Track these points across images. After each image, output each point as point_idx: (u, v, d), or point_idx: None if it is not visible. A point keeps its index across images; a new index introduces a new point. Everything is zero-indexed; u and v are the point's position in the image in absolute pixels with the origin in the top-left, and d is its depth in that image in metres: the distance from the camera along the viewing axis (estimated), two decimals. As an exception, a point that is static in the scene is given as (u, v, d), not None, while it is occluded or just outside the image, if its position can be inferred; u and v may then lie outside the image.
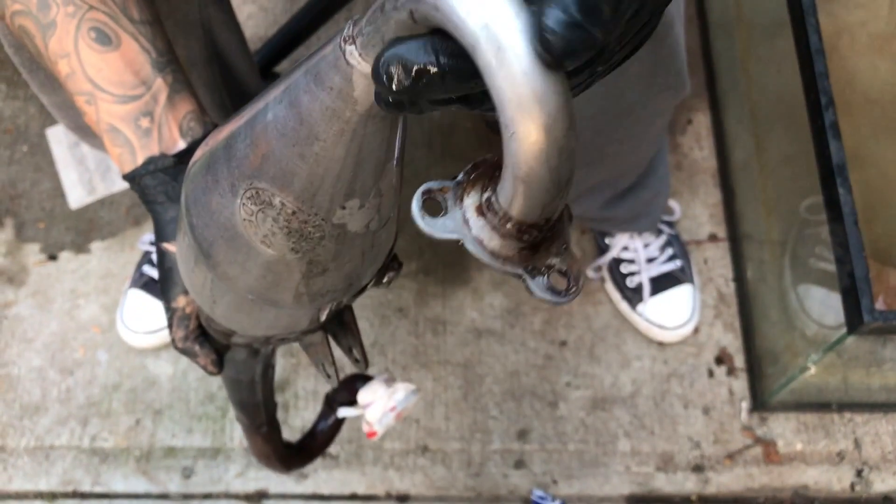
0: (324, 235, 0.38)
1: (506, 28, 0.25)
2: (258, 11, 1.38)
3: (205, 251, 0.43)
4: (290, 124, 0.35)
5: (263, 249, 0.39)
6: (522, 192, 0.28)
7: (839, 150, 0.85)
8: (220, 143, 0.39)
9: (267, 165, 0.36)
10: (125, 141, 0.51)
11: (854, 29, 1.27)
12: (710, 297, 1.17)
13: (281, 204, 0.37)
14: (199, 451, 1.10)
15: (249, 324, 0.49)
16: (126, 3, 0.52)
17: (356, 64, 0.32)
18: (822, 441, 1.10)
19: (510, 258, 0.31)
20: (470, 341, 1.15)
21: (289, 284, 0.42)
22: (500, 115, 0.27)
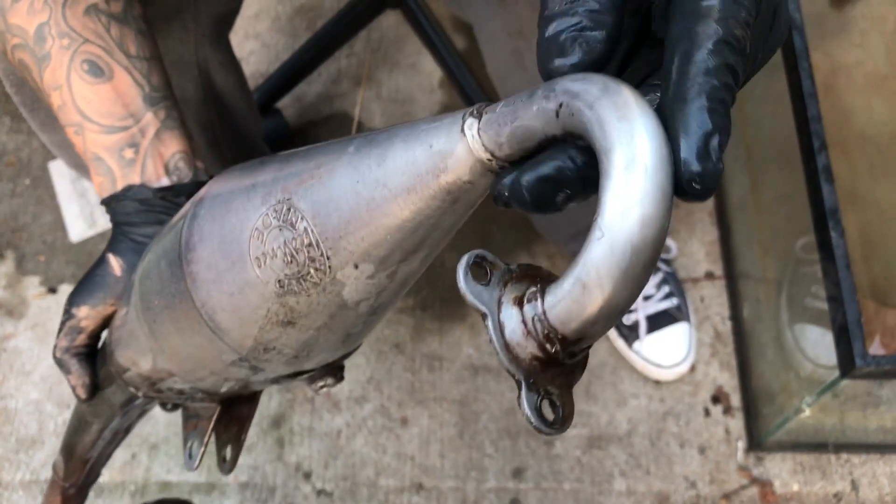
0: (318, 284, 0.36)
1: (650, 145, 0.26)
2: (260, 48, 1.39)
3: (191, 244, 0.40)
4: (367, 161, 0.33)
5: (250, 267, 0.37)
6: (576, 297, 0.27)
7: (832, 194, 0.86)
8: (284, 155, 0.38)
9: (317, 190, 0.35)
10: (107, 170, 0.51)
11: (850, 68, 1.28)
12: (706, 336, 1.17)
13: (304, 230, 0.35)
14: (194, 486, 1.10)
15: (166, 348, 0.45)
16: (123, 38, 0.52)
17: (470, 137, 0.30)
18: (818, 482, 1.09)
19: (520, 360, 0.30)
20: (466, 378, 1.15)
21: (248, 315, 0.39)
22: (597, 218, 0.26)
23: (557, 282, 0.28)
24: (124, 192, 0.51)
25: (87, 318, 0.52)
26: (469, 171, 0.31)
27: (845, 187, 0.98)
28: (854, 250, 0.97)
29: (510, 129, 0.29)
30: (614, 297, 0.27)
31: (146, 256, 0.46)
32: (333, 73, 1.37)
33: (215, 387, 0.46)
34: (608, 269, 0.26)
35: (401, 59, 1.38)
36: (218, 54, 0.87)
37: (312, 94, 1.35)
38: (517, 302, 0.30)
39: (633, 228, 0.26)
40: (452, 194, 0.32)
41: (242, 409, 0.52)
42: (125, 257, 0.51)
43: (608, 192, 0.26)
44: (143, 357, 0.48)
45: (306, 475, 1.10)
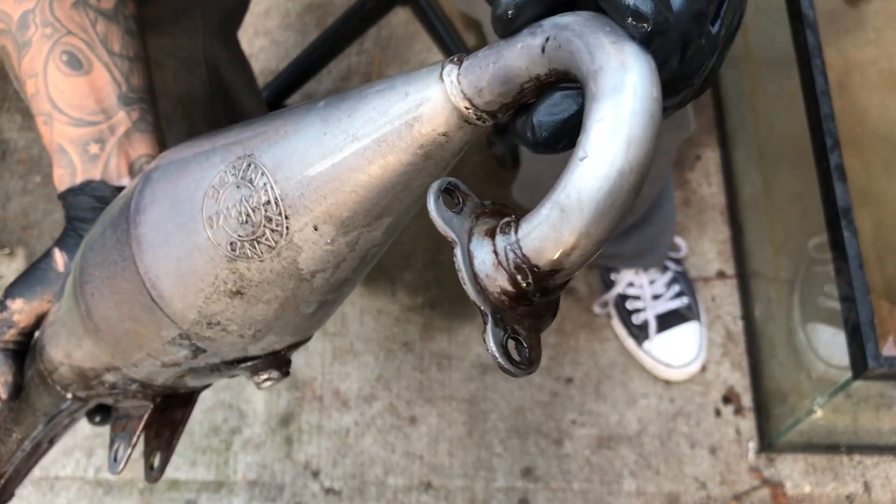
0: (272, 248, 0.33)
1: (640, 68, 0.25)
2: (270, 45, 1.39)
3: (141, 206, 0.38)
4: (337, 113, 0.31)
5: (201, 228, 0.34)
6: (553, 223, 0.26)
7: (844, 193, 0.85)
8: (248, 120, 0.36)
9: (282, 145, 0.32)
10: (69, 163, 0.50)
11: (864, 66, 1.27)
12: (717, 335, 1.16)
13: (263, 186, 0.32)
14: (202, 484, 1.10)
15: (103, 326, 0.42)
16: (108, 35, 0.51)
17: (449, 83, 0.29)
18: (830, 483, 1.08)
19: (489, 292, 0.28)
20: (475, 377, 1.15)
21: (194, 283, 0.36)
22: (581, 141, 0.25)
23: (532, 213, 0.27)
24: (82, 187, 0.49)
25: (21, 312, 0.50)
26: (445, 120, 0.29)
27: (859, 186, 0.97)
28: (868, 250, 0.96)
29: (492, 71, 0.28)
30: (595, 222, 0.25)
31: (92, 230, 0.44)
32: (343, 71, 1.36)
33: (151, 376, 0.43)
34: (590, 191, 0.25)
35: (410, 57, 1.37)
36: (227, 51, 0.87)
37: (322, 92, 1.35)
38: (489, 234, 0.29)
39: (620, 149, 0.25)
40: (425, 148, 0.30)
41: (176, 412, 0.49)
42: (70, 253, 0.49)
43: (595, 113, 0.25)
44: (76, 344, 0.45)
45: (315, 473, 1.10)
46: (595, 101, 0.25)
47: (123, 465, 0.47)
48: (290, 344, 0.41)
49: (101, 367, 0.45)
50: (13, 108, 1.36)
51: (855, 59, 1.24)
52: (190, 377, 0.43)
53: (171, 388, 0.46)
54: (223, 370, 0.42)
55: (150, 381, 0.44)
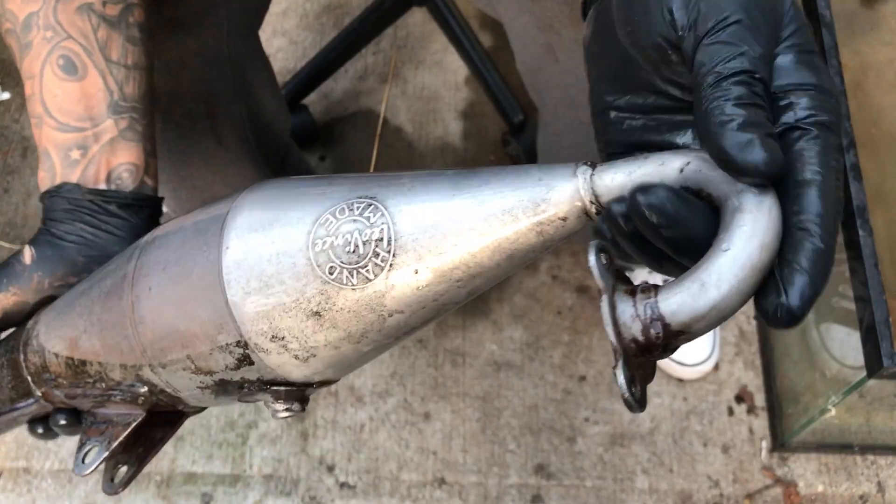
0: (367, 281, 0.36)
1: (774, 198, 0.32)
2: (288, 45, 1.41)
3: (235, 207, 0.39)
4: (469, 181, 0.35)
5: (303, 246, 0.37)
6: (693, 293, 0.31)
7: (860, 192, 0.85)
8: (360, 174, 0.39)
9: (406, 195, 0.36)
10: (50, 166, 0.50)
11: (881, 67, 1.27)
12: (730, 335, 1.17)
13: (381, 225, 0.36)
14: (218, 477, 1.11)
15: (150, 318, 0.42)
16: (109, 42, 0.52)
17: (581, 179, 0.34)
18: (843, 483, 1.09)
19: (622, 337, 0.33)
20: (489, 374, 1.15)
21: (277, 293, 0.37)
22: (724, 236, 0.31)
23: (674, 282, 0.32)
24: (57, 189, 0.50)
25: None
26: (568, 208, 0.34)
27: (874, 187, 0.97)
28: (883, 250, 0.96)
29: (624, 177, 0.33)
30: (725, 299, 0.31)
31: (164, 230, 0.44)
32: (360, 70, 1.38)
33: (170, 381, 0.43)
34: (728, 276, 0.31)
35: (427, 57, 1.38)
36: (249, 50, 0.88)
37: (339, 91, 1.36)
38: (630, 293, 0.33)
39: (755, 249, 0.31)
40: (542, 226, 0.34)
41: (157, 431, 0.48)
42: (40, 249, 0.50)
43: (738, 220, 0.31)
44: (94, 335, 0.45)
45: (329, 468, 1.11)
46: (739, 213, 0.31)
47: (93, 470, 0.45)
48: (324, 380, 0.42)
49: (115, 361, 0.44)
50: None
51: (871, 59, 1.24)
52: (209, 392, 0.43)
53: (175, 400, 0.45)
54: (251, 390, 0.42)
55: (164, 387, 0.44)
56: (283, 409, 0.42)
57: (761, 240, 0.31)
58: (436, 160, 1.30)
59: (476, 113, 1.33)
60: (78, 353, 0.46)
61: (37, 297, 0.50)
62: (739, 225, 0.31)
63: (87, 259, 0.49)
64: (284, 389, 0.41)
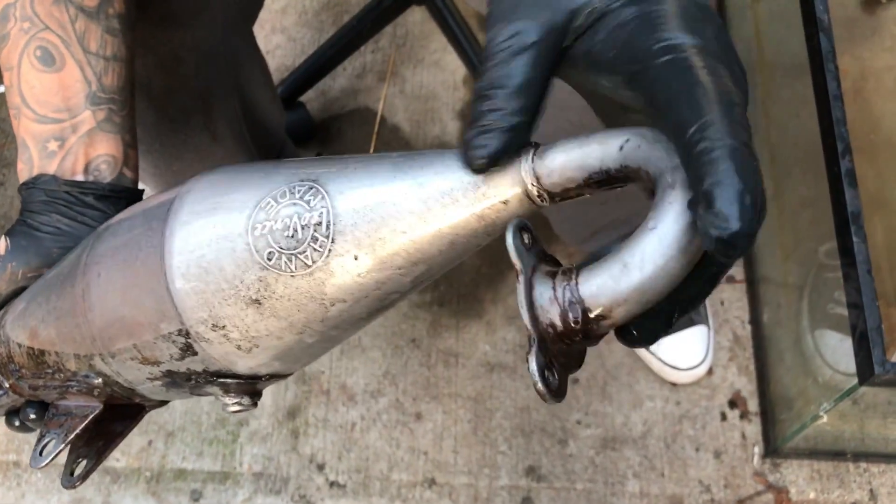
0: (307, 267, 0.35)
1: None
2: (286, 42, 1.40)
3: (179, 197, 0.38)
4: (411, 163, 0.34)
5: (242, 232, 0.36)
6: (614, 274, 0.29)
7: (854, 199, 0.85)
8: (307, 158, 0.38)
9: (349, 177, 0.35)
10: (28, 158, 0.51)
11: (880, 73, 1.26)
12: (725, 339, 1.16)
13: (320, 209, 0.34)
14: (208, 474, 1.11)
15: (97, 305, 0.41)
16: (87, 33, 0.52)
17: (523, 159, 0.32)
18: (836, 490, 1.08)
19: (540, 322, 0.31)
20: (481, 375, 1.15)
21: (216, 281, 0.37)
22: (652, 215, 0.29)
23: (597, 262, 0.30)
24: (34, 180, 0.50)
25: None
26: (509, 190, 0.32)
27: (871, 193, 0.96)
28: (879, 257, 0.95)
29: (566, 157, 0.32)
30: (649, 281, 0.29)
31: (119, 217, 0.44)
32: (358, 68, 1.37)
33: (121, 371, 0.43)
34: (652, 256, 0.29)
35: (425, 56, 1.38)
36: (243, 45, 0.88)
37: (337, 89, 1.36)
38: (550, 275, 0.31)
39: (684, 227, 0.29)
40: (483, 210, 0.33)
41: (117, 424, 0.48)
42: (15, 239, 0.50)
43: (668, 197, 0.29)
44: (51, 323, 0.44)
45: (320, 467, 1.11)
46: (670, 189, 0.29)
47: (48, 462, 0.45)
48: (272, 373, 0.41)
49: (69, 351, 0.44)
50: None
51: (870, 65, 1.24)
52: (159, 384, 0.43)
53: (130, 392, 0.45)
54: (199, 382, 0.41)
55: (116, 377, 0.43)
56: (232, 403, 0.41)
57: (690, 220, 0.29)
58: (432, 160, 1.30)
59: (474, 113, 1.33)
60: (37, 343, 0.45)
61: (10, 287, 0.50)
62: (669, 202, 0.29)
63: (61, 250, 0.49)
64: (233, 382, 0.41)
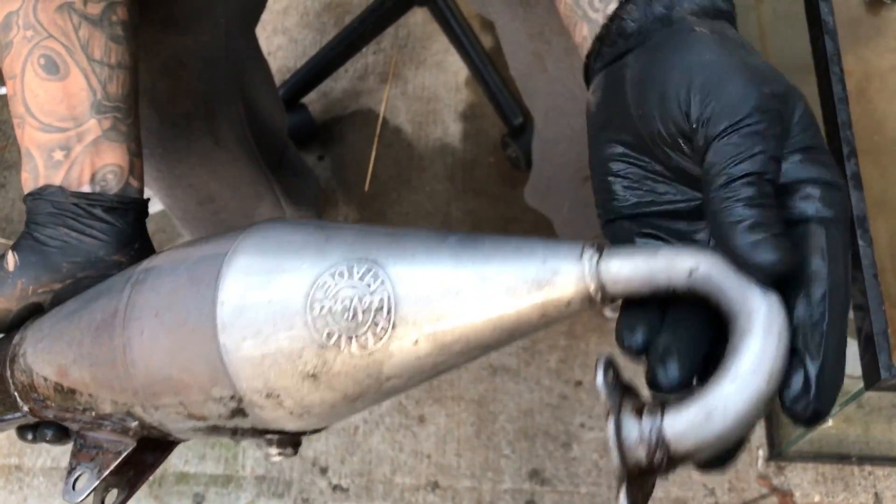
0: (365, 349, 0.36)
1: (783, 318, 0.32)
2: (288, 43, 1.40)
3: (231, 254, 0.38)
4: (472, 253, 0.35)
5: (301, 309, 0.36)
6: (698, 422, 0.31)
7: (860, 202, 0.84)
8: (362, 227, 0.38)
9: (409, 262, 0.36)
10: (33, 167, 0.50)
11: (885, 74, 1.25)
12: (729, 342, 1.16)
13: (381, 294, 0.35)
14: (210, 478, 1.11)
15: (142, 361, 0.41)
16: (90, 41, 0.51)
17: (587, 264, 0.33)
18: (840, 494, 1.08)
19: (626, 460, 0.32)
20: (484, 378, 1.15)
21: (274, 354, 0.37)
22: (730, 364, 0.31)
23: (681, 404, 0.32)
24: (40, 191, 0.49)
25: None
26: (573, 294, 0.33)
27: (876, 195, 0.95)
28: (883, 260, 0.95)
29: (633, 271, 0.33)
30: (731, 430, 0.31)
31: (157, 261, 0.43)
32: (360, 70, 1.37)
33: (163, 421, 0.42)
34: (734, 407, 0.31)
35: (427, 57, 1.38)
36: (246, 48, 0.87)
37: (338, 91, 1.36)
38: (637, 411, 0.32)
39: (763, 379, 0.31)
40: (546, 308, 0.34)
41: (148, 455, 0.47)
42: (22, 255, 0.49)
43: (746, 345, 0.31)
44: (83, 368, 0.44)
45: (322, 470, 1.10)
46: (747, 336, 0.31)
47: (84, 497, 0.45)
48: (318, 428, 0.42)
49: (106, 396, 0.43)
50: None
51: (875, 66, 1.23)
52: (202, 433, 0.43)
53: (167, 434, 0.44)
54: (243, 435, 0.42)
55: (156, 424, 0.43)
56: (276, 454, 0.42)
57: (769, 370, 0.31)
58: (434, 161, 1.30)
59: (476, 114, 1.32)
60: (67, 381, 0.45)
61: (20, 304, 0.49)
62: (748, 351, 0.31)
63: (71, 265, 0.49)
64: (277, 437, 0.41)
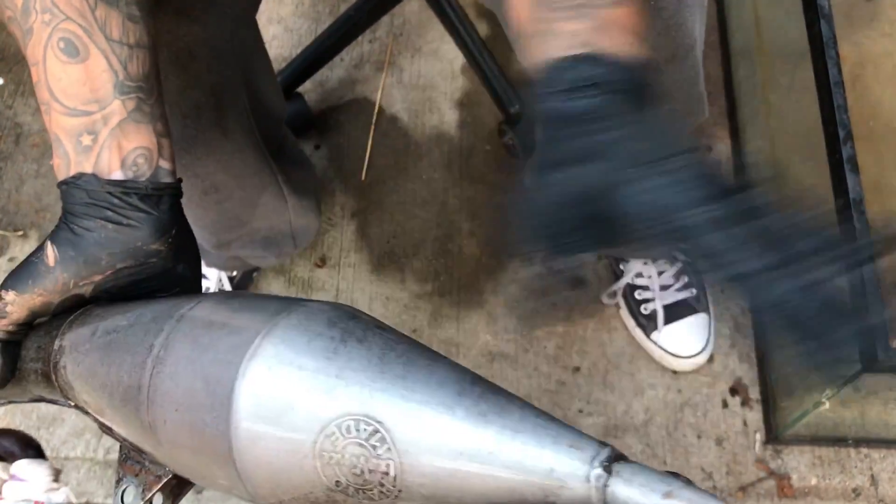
0: (374, 501, 0.37)
1: None
2: (283, 32, 1.40)
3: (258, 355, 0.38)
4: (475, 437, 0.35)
5: (310, 454, 0.37)
6: None
7: (856, 185, 0.85)
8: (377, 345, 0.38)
9: (415, 428, 0.35)
10: (64, 153, 0.49)
11: (879, 59, 1.26)
12: (725, 327, 1.16)
13: (387, 461, 0.35)
14: (211, 466, 1.11)
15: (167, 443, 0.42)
16: (108, 21, 0.50)
17: (595, 488, 0.33)
18: (837, 476, 1.08)
19: None
20: (483, 364, 1.15)
21: (286, 486, 0.38)
22: None
23: None
24: (74, 179, 0.49)
25: (13, 304, 0.50)
26: (580, 493, 0.33)
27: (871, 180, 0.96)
28: (878, 244, 0.95)
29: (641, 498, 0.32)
30: None
31: (174, 340, 0.43)
32: (356, 58, 1.37)
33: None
34: None
35: (423, 45, 1.37)
36: (251, 38, 0.87)
37: (334, 79, 1.36)
38: None
39: None
40: (550, 496, 0.34)
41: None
42: (61, 248, 0.49)
43: None
44: (118, 421, 0.45)
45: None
46: None
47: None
48: None
49: (140, 446, 0.45)
50: (28, 93, 1.37)
51: (870, 51, 1.24)
52: None
53: None
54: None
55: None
56: None
57: None
58: (431, 150, 1.30)
59: (472, 102, 1.32)
60: (104, 419, 0.46)
61: (62, 297, 0.50)
62: None
63: (110, 256, 0.49)
64: None
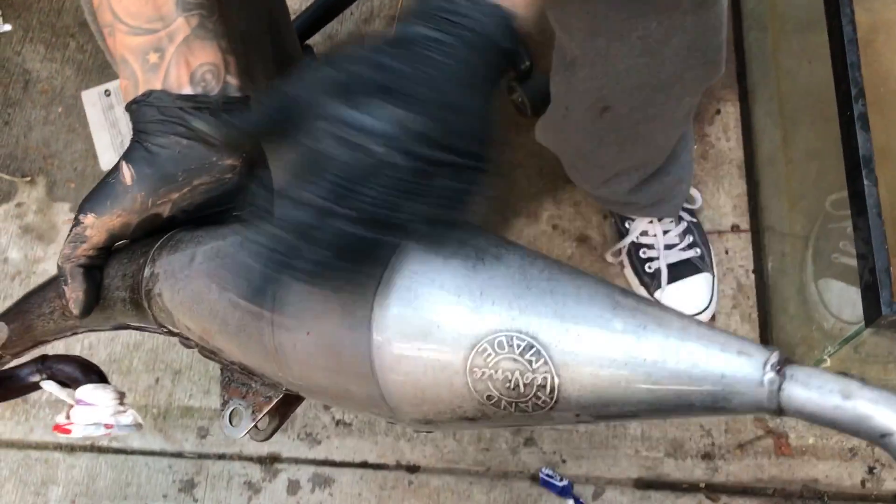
0: (526, 414, 0.36)
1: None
2: (293, -16, 1.39)
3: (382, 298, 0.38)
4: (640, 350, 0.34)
5: (461, 371, 0.36)
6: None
7: (866, 142, 0.85)
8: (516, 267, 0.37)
9: (571, 345, 0.35)
10: (131, 73, 0.50)
11: (891, 26, 1.25)
12: (728, 288, 1.17)
13: (543, 374, 0.35)
14: (215, 412, 1.12)
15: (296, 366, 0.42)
16: None
17: (769, 391, 0.32)
18: (834, 436, 1.10)
19: None
20: (487, 319, 1.16)
21: (432, 401, 0.37)
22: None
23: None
24: (144, 97, 0.49)
25: (93, 227, 0.50)
26: (746, 410, 0.33)
27: (880, 145, 0.96)
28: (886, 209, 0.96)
29: (815, 409, 0.31)
30: None
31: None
32: (365, 12, 1.36)
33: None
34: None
35: None
36: None
37: (344, 33, 1.35)
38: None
39: None
40: (716, 406, 0.33)
41: (295, 398, 0.49)
42: (137, 167, 0.49)
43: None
44: (234, 345, 0.44)
45: (326, 406, 1.12)
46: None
47: (242, 435, 0.47)
48: None
49: (255, 368, 0.44)
50: (36, 39, 1.36)
51: (882, 18, 1.23)
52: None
53: None
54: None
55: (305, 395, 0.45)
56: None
57: None
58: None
59: (482, 60, 1.32)
60: (213, 343, 0.46)
61: (140, 217, 0.50)
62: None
63: (186, 173, 0.49)
64: None
